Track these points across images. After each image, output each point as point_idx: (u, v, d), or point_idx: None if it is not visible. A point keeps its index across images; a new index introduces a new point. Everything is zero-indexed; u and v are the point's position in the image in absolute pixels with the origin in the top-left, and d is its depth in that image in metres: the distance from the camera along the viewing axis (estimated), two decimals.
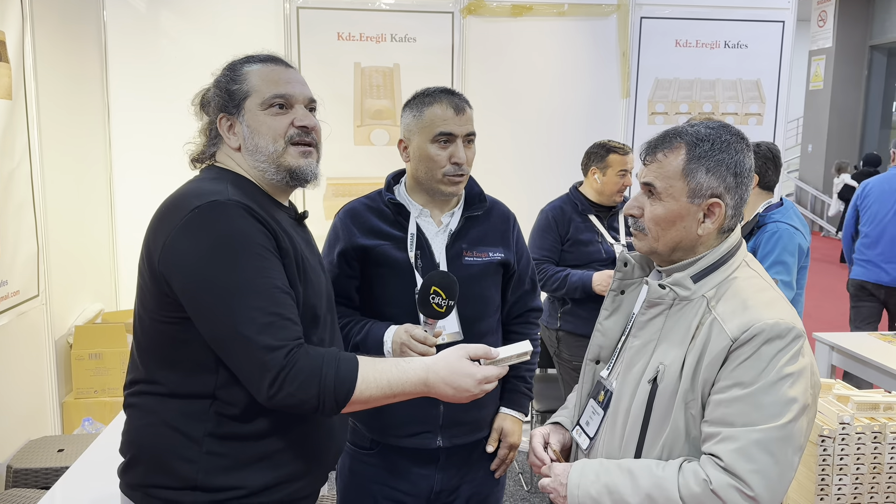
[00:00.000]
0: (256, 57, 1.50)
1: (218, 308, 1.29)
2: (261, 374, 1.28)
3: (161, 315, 1.36)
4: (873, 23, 12.26)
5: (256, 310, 1.29)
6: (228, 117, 1.46)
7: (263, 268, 1.32)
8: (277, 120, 1.44)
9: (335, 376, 1.31)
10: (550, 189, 3.56)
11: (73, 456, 2.83)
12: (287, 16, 4.05)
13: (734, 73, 4.51)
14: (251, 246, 1.32)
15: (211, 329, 1.31)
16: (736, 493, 1.23)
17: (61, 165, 3.52)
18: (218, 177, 1.44)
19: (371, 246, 1.85)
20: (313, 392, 1.29)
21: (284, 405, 1.30)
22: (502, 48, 4.30)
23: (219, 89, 1.47)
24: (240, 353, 1.29)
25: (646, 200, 1.41)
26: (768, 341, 1.27)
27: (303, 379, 1.28)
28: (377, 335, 1.79)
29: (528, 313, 2.05)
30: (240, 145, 1.46)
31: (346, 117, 4.17)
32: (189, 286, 1.31)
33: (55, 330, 3.43)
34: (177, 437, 1.37)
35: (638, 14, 4.35)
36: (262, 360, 1.27)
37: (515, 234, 2.00)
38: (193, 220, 1.31)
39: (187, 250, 1.31)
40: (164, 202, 1.40)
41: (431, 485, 1.90)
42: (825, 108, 12.47)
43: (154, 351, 1.39)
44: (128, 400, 1.46)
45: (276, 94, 1.44)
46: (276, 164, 1.44)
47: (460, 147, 1.82)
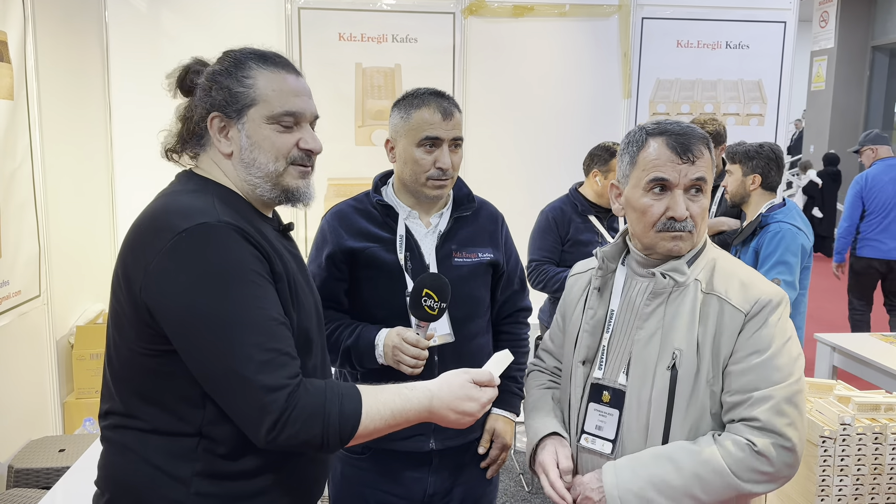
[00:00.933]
0: (266, 57, 1.35)
1: (211, 344, 1.18)
2: (259, 416, 1.17)
3: (141, 346, 1.24)
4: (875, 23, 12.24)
5: (253, 346, 1.18)
6: (224, 119, 1.32)
7: (258, 297, 1.22)
8: (283, 138, 1.32)
9: (339, 413, 1.23)
10: (551, 189, 3.56)
11: (75, 456, 2.83)
12: (288, 16, 4.06)
13: (736, 73, 4.51)
14: (245, 273, 1.21)
15: (202, 366, 1.20)
16: (779, 448, 1.33)
17: (63, 166, 3.53)
18: (201, 189, 1.31)
19: (359, 248, 1.83)
20: (317, 431, 1.21)
21: (286, 447, 1.21)
22: (503, 49, 4.30)
23: (217, 84, 1.31)
24: (236, 393, 1.19)
25: (687, 200, 1.43)
26: (773, 311, 1.40)
27: (305, 419, 1.20)
28: (368, 339, 1.78)
29: (518, 313, 2.05)
30: (232, 153, 1.33)
31: (348, 117, 4.18)
32: (177, 319, 1.19)
33: (56, 330, 3.43)
34: (162, 478, 1.25)
35: (639, 14, 4.35)
36: (261, 401, 1.17)
37: (504, 234, 1.99)
38: (181, 245, 1.19)
39: (175, 280, 1.19)
40: (143, 218, 1.27)
41: (424, 488, 1.89)
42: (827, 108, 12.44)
43: (132, 383, 1.27)
44: (104, 433, 1.33)
45: (286, 110, 1.32)
46: (272, 182, 1.33)
47: (445, 152, 1.79)
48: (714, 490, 1.35)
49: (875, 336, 3.73)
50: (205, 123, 1.33)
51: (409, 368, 1.72)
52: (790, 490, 1.77)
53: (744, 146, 3.03)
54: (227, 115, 1.31)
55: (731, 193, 3.05)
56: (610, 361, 1.51)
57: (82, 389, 3.54)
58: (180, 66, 1.37)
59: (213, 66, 1.35)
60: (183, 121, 1.36)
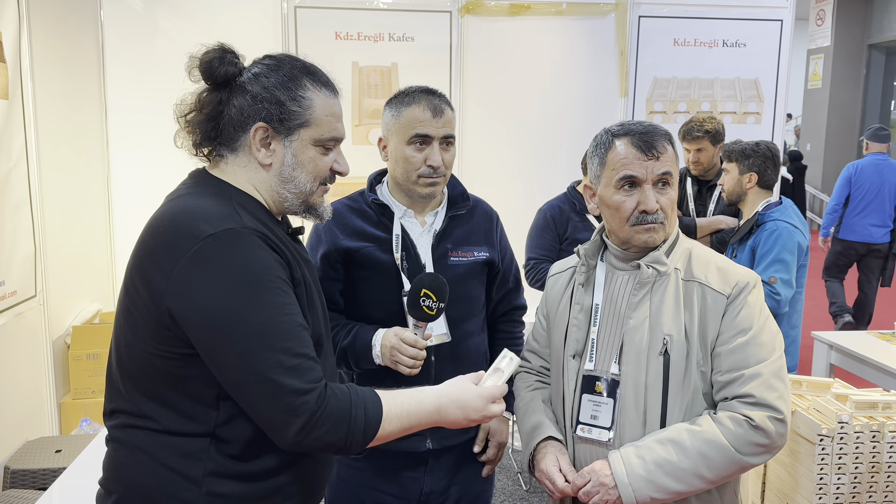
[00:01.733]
0: (317, 76, 1.35)
1: (240, 351, 1.19)
2: (289, 419, 1.20)
3: (158, 348, 1.24)
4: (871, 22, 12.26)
5: (282, 352, 1.20)
6: (269, 131, 1.31)
7: (285, 304, 1.23)
8: (324, 161, 1.35)
9: (364, 417, 1.26)
10: (548, 187, 3.55)
11: (71, 457, 2.82)
12: (285, 15, 4.05)
13: (732, 71, 4.51)
14: (272, 280, 1.23)
15: (230, 372, 1.21)
16: (773, 420, 1.42)
17: (58, 165, 3.51)
18: (220, 193, 1.30)
19: (355, 248, 1.82)
20: (342, 434, 1.23)
21: (310, 448, 1.24)
22: (500, 47, 4.30)
23: (271, 95, 1.30)
24: (265, 397, 1.20)
25: (655, 193, 1.51)
26: (750, 292, 1.50)
27: (333, 422, 1.22)
28: (365, 339, 1.77)
29: (513, 311, 2.05)
30: (271, 164, 1.32)
31: (344, 116, 4.15)
32: (204, 326, 1.20)
33: (53, 330, 3.42)
34: (173, 478, 1.26)
35: (636, 13, 4.35)
36: (292, 405, 1.19)
37: (499, 233, 1.99)
38: (207, 250, 1.19)
39: (202, 286, 1.19)
40: (162, 219, 1.26)
41: (421, 487, 1.89)
42: (824, 106, 12.46)
43: (145, 383, 1.27)
44: (112, 433, 1.33)
45: (334, 136, 1.35)
46: (302, 199, 1.36)
47: (436, 150, 1.78)
48: (719, 466, 1.42)
49: (872, 334, 3.74)
50: (245, 129, 1.31)
51: (406, 369, 1.72)
52: (788, 489, 1.77)
53: (740, 145, 3.03)
54: (276, 129, 1.31)
55: (728, 192, 3.05)
56: (600, 353, 1.57)
57: (79, 390, 3.53)
58: (211, 49, 1.32)
59: (261, 71, 1.32)
60: (210, 115, 1.32)
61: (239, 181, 1.34)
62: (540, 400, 1.71)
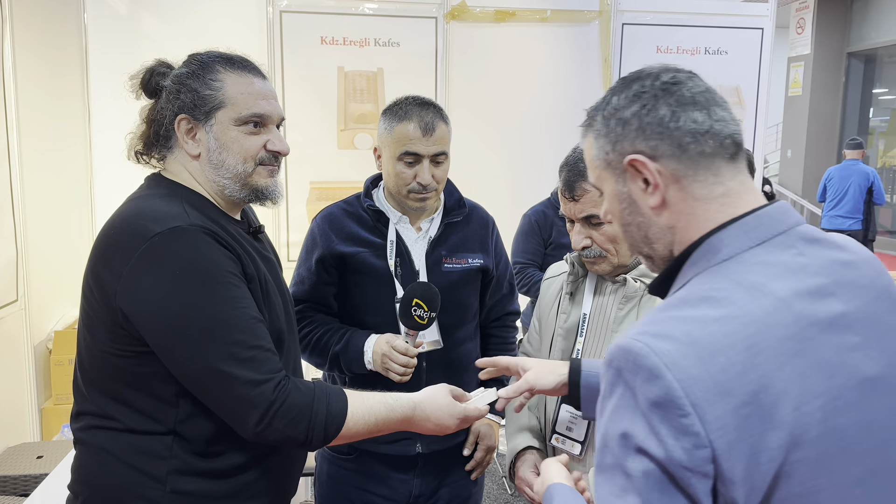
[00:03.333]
0: (232, 60, 1.38)
1: (193, 346, 1.20)
2: (247, 410, 1.22)
3: (114, 348, 1.26)
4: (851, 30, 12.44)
5: (236, 344, 1.21)
6: (191, 121, 1.34)
7: (236, 298, 1.24)
8: (251, 140, 1.35)
9: (326, 413, 1.27)
10: (532, 193, 3.58)
11: (53, 462, 2.79)
12: (270, 19, 4.05)
13: (714, 79, 4.48)
14: (221, 275, 1.24)
15: (185, 367, 1.23)
16: None
17: (41, 169, 3.48)
18: (170, 194, 1.32)
19: (350, 253, 1.82)
20: (302, 428, 1.25)
21: (271, 440, 1.26)
22: (486, 53, 4.32)
23: (185, 86, 1.34)
24: (222, 391, 1.22)
25: (587, 229, 1.51)
26: None
27: (294, 415, 1.24)
28: (357, 345, 1.78)
29: (506, 317, 2.06)
30: (200, 154, 1.35)
31: (330, 121, 4.17)
32: (156, 323, 1.21)
33: (34, 335, 3.39)
34: (137, 477, 1.27)
35: (619, 20, 4.39)
36: (247, 396, 1.21)
37: (494, 238, 1.99)
38: (155, 249, 1.21)
39: (152, 285, 1.21)
40: (113, 222, 1.29)
41: (410, 489, 1.90)
42: (804, 113, 12.61)
43: (105, 384, 1.29)
44: (77, 435, 1.35)
45: (254, 113, 1.34)
46: (241, 183, 1.36)
47: (426, 168, 1.76)
48: None
49: None
50: (172, 126, 1.35)
51: (397, 376, 1.73)
52: None
53: None
54: (195, 117, 1.34)
55: None
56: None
57: (60, 395, 3.50)
58: (143, 67, 1.40)
59: (179, 68, 1.37)
60: (149, 123, 1.38)
61: (185, 179, 1.37)
62: (526, 407, 1.70)
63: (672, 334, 0.80)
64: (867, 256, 0.94)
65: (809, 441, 0.79)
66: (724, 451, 0.77)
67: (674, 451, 0.77)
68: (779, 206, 0.91)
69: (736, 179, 0.91)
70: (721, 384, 0.77)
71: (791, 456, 0.78)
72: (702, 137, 0.90)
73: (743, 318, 0.80)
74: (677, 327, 0.81)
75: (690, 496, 0.78)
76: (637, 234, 0.96)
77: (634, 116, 0.92)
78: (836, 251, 0.91)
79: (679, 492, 0.78)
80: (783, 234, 0.88)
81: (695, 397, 0.77)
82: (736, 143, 0.92)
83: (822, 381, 0.80)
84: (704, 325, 0.80)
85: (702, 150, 0.90)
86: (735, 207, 0.90)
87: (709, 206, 0.90)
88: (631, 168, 0.92)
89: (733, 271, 0.86)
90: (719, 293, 0.83)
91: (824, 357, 0.81)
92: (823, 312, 0.84)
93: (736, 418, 0.77)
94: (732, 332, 0.80)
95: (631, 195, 0.94)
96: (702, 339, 0.79)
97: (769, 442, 0.77)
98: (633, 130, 0.92)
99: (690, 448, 0.77)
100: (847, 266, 0.90)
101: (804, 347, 0.81)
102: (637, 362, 0.80)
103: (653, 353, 0.79)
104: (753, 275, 0.85)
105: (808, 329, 0.82)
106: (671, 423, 0.77)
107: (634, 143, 0.91)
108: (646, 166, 0.91)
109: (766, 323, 0.80)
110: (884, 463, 0.85)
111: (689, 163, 0.90)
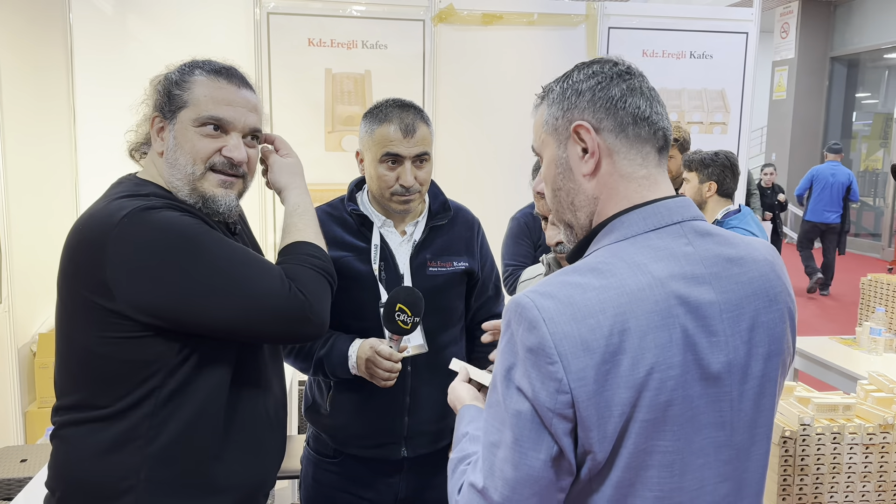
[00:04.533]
0: (211, 65, 1.40)
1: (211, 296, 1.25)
2: (280, 281, 1.31)
3: (104, 336, 1.26)
4: (834, 34, 12.58)
5: (244, 265, 1.29)
6: (162, 119, 1.37)
7: (223, 240, 1.31)
8: (204, 142, 1.35)
9: (322, 253, 1.45)
10: (520, 195, 3.58)
11: (37, 466, 2.77)
12: (257, 21, 4.04)
13: (700, 82, 4.60)
14: (200, 228, 1.28)
15: (216, 318, 1.27)
16: None
17: (26, 170, 3.46)
18: (135, 189, 1.34)
19: (334, 257, 1.78)
20: (327, 283, 1.41)
21: (295, 303, 1.32)
22: (473, 56, 4.33)
23: (163, 87, 1.38)
24: (259, 296, 1.29)
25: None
26: None
27: (313, 286, 1.37)
28: (341, 350, 1.77)
29: (492, 319, 2.05)
30: (163, 151, 1.37)
31: (317, 123, 4.17)
32: (163, 298, 1.23)
33: (18, 338, 3.36)
34: (112, 467, 1.28)
35: (606, 24, 4.42)
36: (276, 282, 1.31)
37: (480, 240, 1.98)
38: (126, 228, 1.22)
39: (142, 264, 1.22)
40: (81, 219, 1.31)
41: (396, 493, 1.89)
42: (788, 117, 12.74)
43: (81, 377, 1.30)
44: (54, 431, 1.36)
45: (211, 115, 1.34)
46: (190, 186, 1.35)
47: (407, 170, 1.75)
48: None
49: (834, 339, 3.83)
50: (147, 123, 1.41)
51: (382, 381, 1.73)
52: None
53: (699, 154, 3.10)
54: (164, 115, 1.37)
55: None
56: None
57: (45, 398, 3.47)
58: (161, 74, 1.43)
59: (169, 71, 1.41)
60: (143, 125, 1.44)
61: (155, 177, 1.39)
62: None
63: (556, 295, 0.91)
64: (759, 258, 1.03)
65: (658, 404, 0.90)
66: (583, 399, 0.89)
67: (540, 393, 0.90)
68: (681, 200, 1.02)
69: (658, 169, 1.03)
70: (587, 342, 0.88)
71: (639, 414, 0.90)
72: (641, 122, 1.01)
73: (619, 290, 0.91)
74: (562, 290, 0.92)
75: (552, 434, 0.90)
76: (565, 200, 1.06)
77: (589, 90, 1.02)
78: (724, 247, 1.00)
79: (545, 430, 0.91)
80: (678, 225, 0.99)
81: (563, 349, 0.88)
82: (665, 138, 1.04)
83: (678, 354, 0.91)
84: (584, 291, 0.91)
85: (638, 133, 1.01)
86: (650, 191, 1.01)
87: (629, 184, 1.01)
88: (575, 134, 1.02)
89: (624, 250, 0.96)
90: (605, 266, 0.94)
91: (684, 334, 0.92)
92: (693, 297, 0.94)
93: (596, 373, 0.88)
94: (607, 299, 0.90)
95: (568, 161, 1.04)
96: (579, 302, 0.90)
97: (621, 398, 0.89)
98: (586, 102, 1.02)
99: (553, 392, 0.89)
100: (731, 262, 0.99)
101: (668, 323, 0.91)
102: (522, 314, 0.92)
103: (535, 308, 0.91)
104: (639, 255, 0.95)
105: (676, 308, 0.92)
106: (540, 368, 0.90)
107: (584, 114, 1.02)
108: (589, 133, 1.01)
109: (639, 297, 0.91)
110: (728, 441, 0.96)
111: (625, 141, 1.01)
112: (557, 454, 0.91)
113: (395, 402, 1.83)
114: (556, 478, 0.92)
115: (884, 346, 3.50)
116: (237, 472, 1.38)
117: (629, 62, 1.08)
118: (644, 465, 0.92)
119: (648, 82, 1.07)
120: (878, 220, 12.03)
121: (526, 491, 0.91)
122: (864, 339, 3.56)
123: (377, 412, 1.83)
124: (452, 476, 1.06)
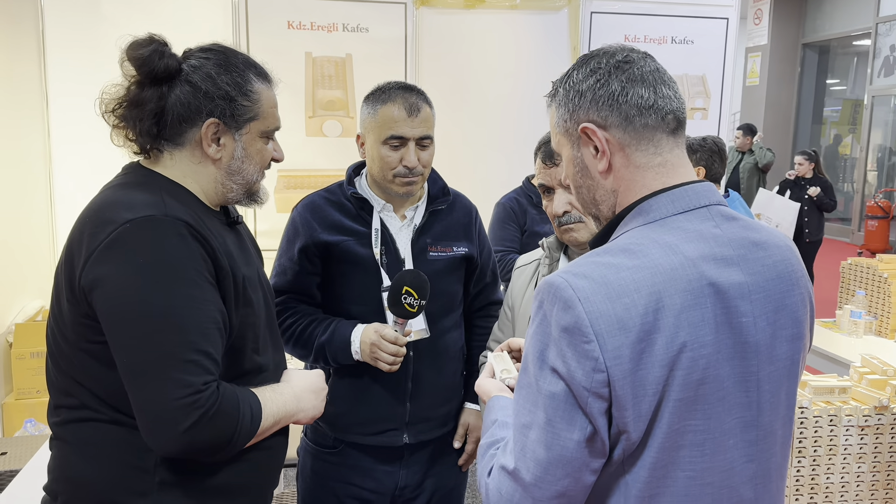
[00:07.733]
0: (259, 69, 1.37)
1: (139, 338, 1.16)
2: (181, 414, 1.15)
3: (88, 337, 1.22)
4: (806, 21, 12.72)
5: (185, 344, 1.17)
6: (220, 127, 1.30)
7: (195, 297, 1.20)
8: (267, 151, 1.40)
9: (250, 415, 1.24)
10: (503, 181, 3.57)
11: (16, 459, 2.71)
12: (235, 3, 3.95)
13: (681, 68, 4.60)
14: (186, 271, 1.20)
15: (126, 358, 1.17)
16: None
17: None
18: (148, 182, 1.28)
19: (334, 242, 1.79)
20: (231, 431, 1.21)
21: (190, 450, 1.19)
22: (455, 40, 4.29)
23: (219, 90, 1.29)
24: (155, 389, 1.15)
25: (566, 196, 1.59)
26: None
27: (224, 418, 1.19)
28: (344, 335, 1.75)
29: (490, 306, 2.04)
30: (220, 158, 1.32)
31: (297, 108, 4.10)
32: (110, 308, 1.17)
33: None
34: (125, 470, 1.24)
35: (588, 9, 4.40)
36: (185, 399, 1.15)
37: (478, 227, 1.98)
38: (124, 236, 1.18)
39: (114, 270, 1.17)
40: (87, 210, 1.26)
41: (396, 481, 1.88)
42: (761, 103, 12.88)
43: (83, 375, 1.25)
44: (56, 431, 1.29)
45: (276, 126, 1.40)
46: (247, 189, 1.39)
47: (412, 151, 1.75)
48: None
49: (816, 322, 3.88)
50: (193, 124, 1.29)
51: (386, 366, 1.71)
52: None
53: (687, 140, 3.10)
54: (228, 124, 1.31)
55: None
56: None
57: (22, 390, 3.39)
58: (142, 41, 1.27)
59: (203, 64, 1.30)
60: (152, 111, 1.28)
61: (174, 174, 1.32)
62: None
63: (590, 275, 0.92)
64: (779, 243, 1.05)
65: (691, 383, 0.91)
66: (618, 378, 0.89)
67: (576, 372, 0.90)
68: (706, 185, 1.02)
69: (673, 153, 1.02)
70: (622, 321, 0.89)
71: (672, 392, 0.91)
72: (646, 112, 1.00)
73: (652, 269, 0.92)
74: (595, 270, 0.92)
75: (587, 414, 0.90)
76: (587, 196, 1.07)
77: (589, 90, 1.02)
78: (749, 231, 1.02)
79: (579, 410, 0.91)
80: (705, 208, 1.00)
81: (598, 328, 0.89)
82: (677, 118, 1.03)
83: (710, 332, 0.92)
84: (618, 270, 0.92)
85: (645, 123, 1.00)
86: (668, 177, 1.01)
87: (646, 173, 1.01)
88: (584, 135, 1.02)
89: (654, 231, 0.97)
90: (637, 247, 0.95)
91: (716, 314, 0.93)
92: (724, 278, 0.95)
93: (631, 351, 0.89)
94: (641, 279, 0.91)
95: (583, 160, 1.05)
96: (614, 281, 0.91)
97: (656, 376, 0.90)
98: (588, 102, 1.02)
99: (590, 371, 0.89)
100: (757, 245, 1.01)
101: (700, 302, 0.92)
102: (556, 294, 0.92)
103: (570, 288, 0.91)
104: (670, 236, 0.96)
105: (707, 288, 0.93)
106: (575, 348, 0.90)
107: (588, 114, 1.02)
108: (595, 134, 1.01)
109: (672, 276, 0.92)
110: (754, 422, 0.98)
111: (633, 133, 1.00)
112: (591, 434, 0.91)
113: (397, 388, 1.82)
114: (589, 458, 0.92)
115: (864, 328, 3.56)
116: (247, 471, 1.35)
117: (629, 48, 1.07)
118: (677, 446, 0.92)
119: (652, 63, 1.06)
120: (848, 204, 12.24)
121: (558, 472, 0.91)
122: (845, 322, 3.61)
123: (378, 398, 1.81)
124: (482, 460, 1.05)
